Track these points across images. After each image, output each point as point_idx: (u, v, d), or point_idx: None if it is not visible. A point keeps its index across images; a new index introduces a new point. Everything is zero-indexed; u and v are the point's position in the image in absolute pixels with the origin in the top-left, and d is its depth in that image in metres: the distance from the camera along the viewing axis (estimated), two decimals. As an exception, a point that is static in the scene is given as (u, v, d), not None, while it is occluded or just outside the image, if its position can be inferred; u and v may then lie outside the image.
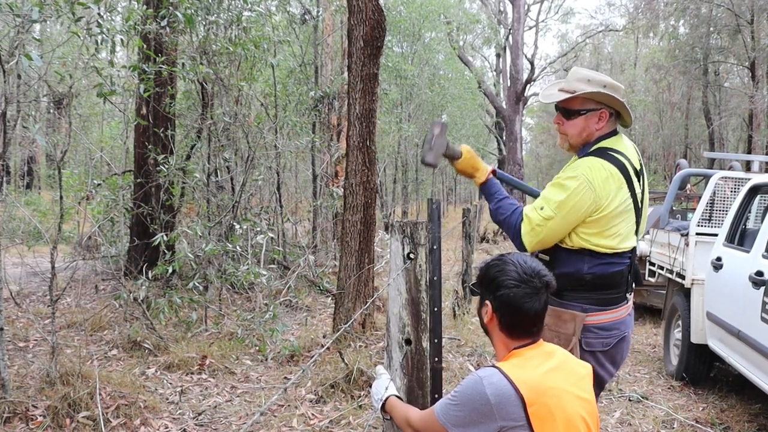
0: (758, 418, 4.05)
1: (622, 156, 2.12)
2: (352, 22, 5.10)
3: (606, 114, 2.15)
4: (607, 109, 2.15)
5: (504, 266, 1.62)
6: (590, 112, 2.14)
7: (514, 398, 1.47)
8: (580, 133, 2.18)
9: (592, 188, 2.03)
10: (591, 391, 1.64)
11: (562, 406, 1.51)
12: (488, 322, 1.67)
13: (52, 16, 3.98)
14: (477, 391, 1.49)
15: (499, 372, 1.51)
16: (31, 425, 3.37)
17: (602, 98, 2.13)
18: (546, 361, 1.58)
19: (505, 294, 1.59)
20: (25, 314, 5.87)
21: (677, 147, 24.52)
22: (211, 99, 6.95)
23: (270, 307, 5.62)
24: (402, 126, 14.89)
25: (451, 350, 5.20)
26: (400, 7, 14.93)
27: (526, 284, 1.58)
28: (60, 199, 4.50)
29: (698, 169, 8.57)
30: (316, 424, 3.69)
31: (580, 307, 2.10)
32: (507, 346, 1.65)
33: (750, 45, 16.21)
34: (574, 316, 2.09)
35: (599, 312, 2.11)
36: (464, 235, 7.18)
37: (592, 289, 2.10)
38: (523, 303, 1.58)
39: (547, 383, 1.52)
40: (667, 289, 5.52)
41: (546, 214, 2.05)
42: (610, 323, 2.13)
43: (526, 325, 1.61)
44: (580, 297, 2.11)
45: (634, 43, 29.57)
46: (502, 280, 1.60)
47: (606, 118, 2.15)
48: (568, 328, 2.09)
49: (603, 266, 2.10)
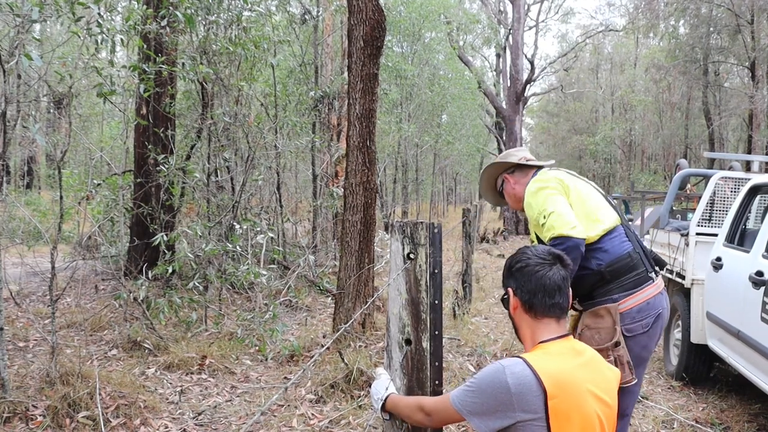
0: (758, 418, 4.05)
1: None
2: (352, 22, 5.10)
3: (506, 176, 2.63)
4: (504, 172, 2.64)
5: (518, 252, 1.76)
6: (503, 184, 2.66)
7: (536, 389, 1.45)
8: (513, 199, 2.63)
9: (543, 186, 2.35)
10: (614, 396, 1.63)
11: (581, 404, 1.49)
12: (514, 311, 1.70)
13: (52, 16, 3.98)
14: (498, 379, 1.48)
15: (523, 362, 1.50)
16: (31, 425, 3.37)
17: (492, 172, 2.68)
18: (573, 358, 1.58)
19: (521, 268, 1.69)
20: (25, 314, 5.87)
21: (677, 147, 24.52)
22: (211, 99, 6.95)
23: (270, 307, 5.62)
24: (402, 126, 14.88)
25: (451, 350, 5.20)
26: (400, 7, 14.92)
27: (539, 257, 1.69)
28: (60, 199, 4.50)
29: (698, 169, 8.57)
30: (315, 424, 3.69)
31: (610, 298, 2.26)
32: (534, 333, 1.66)
33: (750, 45, 16.21)
34: (608, 308, 2.24)
35: (629, 296, 2.25)
36: (464, 235, 7.18)
37: (614, 278, 2.26)
38: (537, 272, 1.66)
39: (570, 378, 1.50)
40: (667, 289, 5.51)
41: (548, 213, 2.27)
42: (643, 304, 2.26)
43: (545, 298, 1.64)
44: (607, 290, 2.26)
45: (634, 43, 29.57)
46: (517, 259, 1.73)
47: (509, 178, 2.62)
48: (606, 321, 2.23)
49: (609, 253, 2.28)
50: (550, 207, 2.27)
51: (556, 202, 2.28)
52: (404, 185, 18.09)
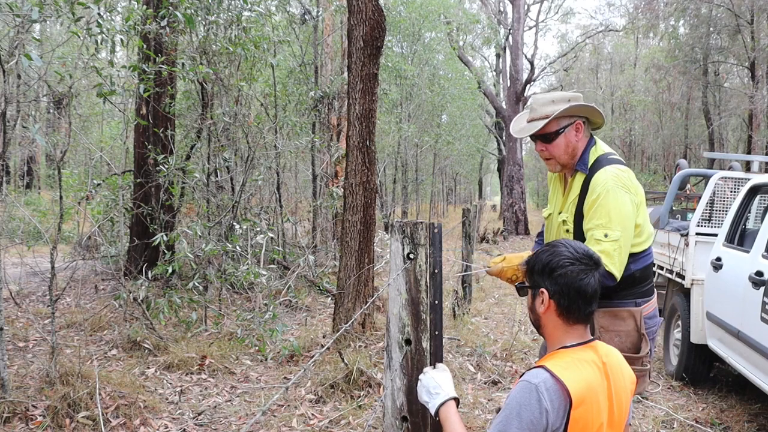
0: (758, 418, 4.05)
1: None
2: (352, 22, 5.10)
3: (580, 124, 2.29)
4: (579, 119, 2.29)
5: (555, 249, 1.63)
6: (567, 128, 2.27)
7: (563, 400, 1.44)
8: (566, 150, 2.29)
9: (628, 192, 2.16)
10: (629, 405, 1.63)
11: (599, 412, 1.49)
12: (545, 311, 1.63)
13: (52, 16, 3.98)
14: (534, 402, 1.43)
15: (549, 375, 1.47)
16: (31, 425, 3.37)
17: (572, 111, 2.25)
18: (597, 366, 1.55)
19: (562, 274, 1.59)
20: (24, 314, 5.87)
21: (677, 147, 24.51)
22: (211, 99, 6.95)
23: (270, 307, 5.62)
24: (402, 126, 14.89)
25: (451, 350, 5.20)
26: (400, 7, 14.92)
27: (580, 262, 1.59)
28: (60, 199, 4.50)
29: (698, 169, 8.56)
30: (315, 424, 3.69)
31: (633, 302, 2.24)
32: (562, 336, 1.62)
33: (750, 45, 16.21)
34: (632, 312, 2.22)
35: (646, 303, 2.28)
36: (464, 235, 7.18)
37: (639, 283, 2.26)
38: (580, 281, 1.58)
39: (593, 387, 1.50)
40: (666, 289, 5.52)
41: (614, 236, 2.10)
42: (654, 311, 2.31)
43: (583, 305, 1.59)
44: (631, 293, 2.24)
45: (634, 43, 29.56)
46: (556, 262, 1.60)
47: (582, 127, 2.29)
48: (629, 324, 2.21)
49: (642, 260, 2.26)
50: (618, 229, 2.09)
51: (626, 225, 2.11)
52: (404, 185, 18.09)
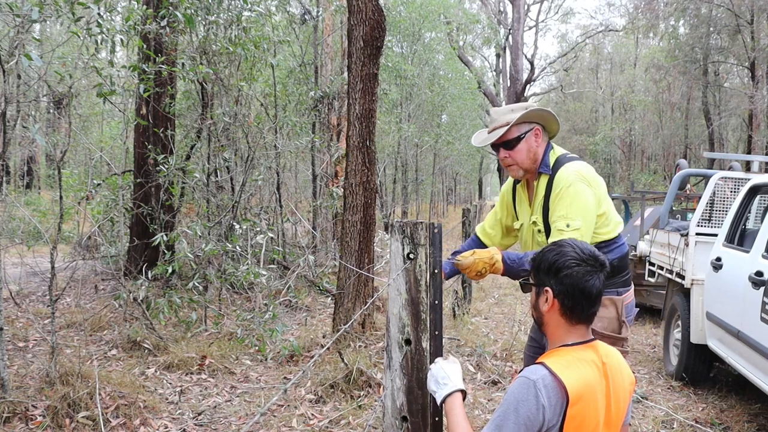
0: (758, 418, 4.05)
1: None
2: (352, 22, 5.10)
3: (539, 129, 2.41)
4: (537, 125, 2.41)
5: (561, 249, 1.63)
6: (527, 133, 2.39)
7: (560, 397, 1.45)
8: (528, 155, 2.40)
9: (589, 185, 2.27)
10: (627, 404, 1.63)
11: (596, 411, 1.50)
12: (548, 310, 1.63)
13: (52, 16, 3.98)
14: (531, 398, 1.45)
15: (547, 371, 1.48)
16: (31, 425, 3.37)
17: (531, 116, 2.38)
18: (596, 365, 1.56)
19: (568, 275, 1.58)
20: (24, 314, 5.87)
21: (677, 147, 24.51)
22: (211, 99, 6.95)
23: (270, 307, 5.62)
24: (402, 126, 14.88)
25: (451, 350, 5.20)
26: (400, 7, 14.92)
27: (586, 263, 1.59)
28: (60, 199, 4.50)
29: (698, 170, 8.57)
30: (315, 424, 3.69)
31: (615, 291, 2.32)
32: (563, 335, 1.62)
33: (750, 45, 16.21)
34: (613, 300, 2.30)
35: (626, 292, 2.36)
36: (464, 236, 7.18)
37: (618, 273, 2.32)
38: (585, 282, 1.57)
39: (591, 386, 1.50)
40: (666, 290, 5.52)
41: (575, 225, 2.20)
42: (632, 301, 2.40)
43: (587, 306, 1.59)
44: (612, 283, 2.29)
45: (634, 43, 29.56)
46: (563, 262, 1.60)
47: (540, 133, 2.41)
48: (610, 312, 2.30)
49: (617, 250, 2.35)
50: (579, 219, 2.20)
51: (587, 216, 2.22)
52: (404, 185, 18.09)
